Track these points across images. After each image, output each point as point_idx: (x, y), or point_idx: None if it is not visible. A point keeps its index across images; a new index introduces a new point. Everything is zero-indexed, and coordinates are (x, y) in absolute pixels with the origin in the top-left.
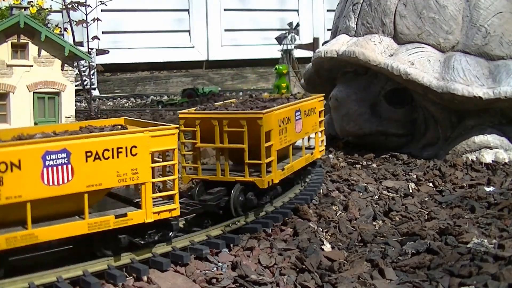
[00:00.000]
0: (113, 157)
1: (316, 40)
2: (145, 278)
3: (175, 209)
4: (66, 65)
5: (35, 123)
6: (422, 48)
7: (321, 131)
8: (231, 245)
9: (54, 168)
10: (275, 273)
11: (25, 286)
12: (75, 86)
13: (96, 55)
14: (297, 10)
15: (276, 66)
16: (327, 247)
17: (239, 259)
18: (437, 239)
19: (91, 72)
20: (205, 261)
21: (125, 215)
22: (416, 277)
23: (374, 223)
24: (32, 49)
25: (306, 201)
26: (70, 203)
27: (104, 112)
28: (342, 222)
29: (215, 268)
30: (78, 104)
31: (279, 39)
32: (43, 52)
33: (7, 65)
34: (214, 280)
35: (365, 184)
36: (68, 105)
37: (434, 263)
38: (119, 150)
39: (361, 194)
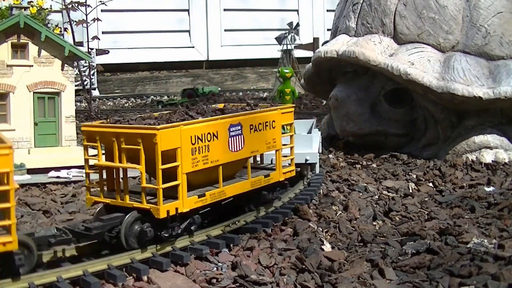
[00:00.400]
0: None
1: (316, 40)
2: (145, 278)
3: (11, 242)
4: (66, 65)
5: (35, 123)
6: (422, 48)
7: (290, 148)
8: (231, 245)
9: None
10: (275, 273)
11: (25, 286)
12: (75, 86)
13: (96, 55)
14: (297, 10)
15: (280, 69)
16: (327, 247)
17: (239, 259)
18: (437, 239)
19: (91, 72)
20: (205, 261)
21: None
22: (416, 277)
23: (374, 223)
24: (32, 49)
25: (306, 201)
26: None
27: (104, 112)
28: (342, 222)
29: (215, 268)
30: (78, 104)
31: (279, 39)
32: (43, 52)
33: (7, 65)
34: (214, 280)
35: (365, 184)
36: (68, 105)
37: (434, 263)
38: None
39: (361, 194)
